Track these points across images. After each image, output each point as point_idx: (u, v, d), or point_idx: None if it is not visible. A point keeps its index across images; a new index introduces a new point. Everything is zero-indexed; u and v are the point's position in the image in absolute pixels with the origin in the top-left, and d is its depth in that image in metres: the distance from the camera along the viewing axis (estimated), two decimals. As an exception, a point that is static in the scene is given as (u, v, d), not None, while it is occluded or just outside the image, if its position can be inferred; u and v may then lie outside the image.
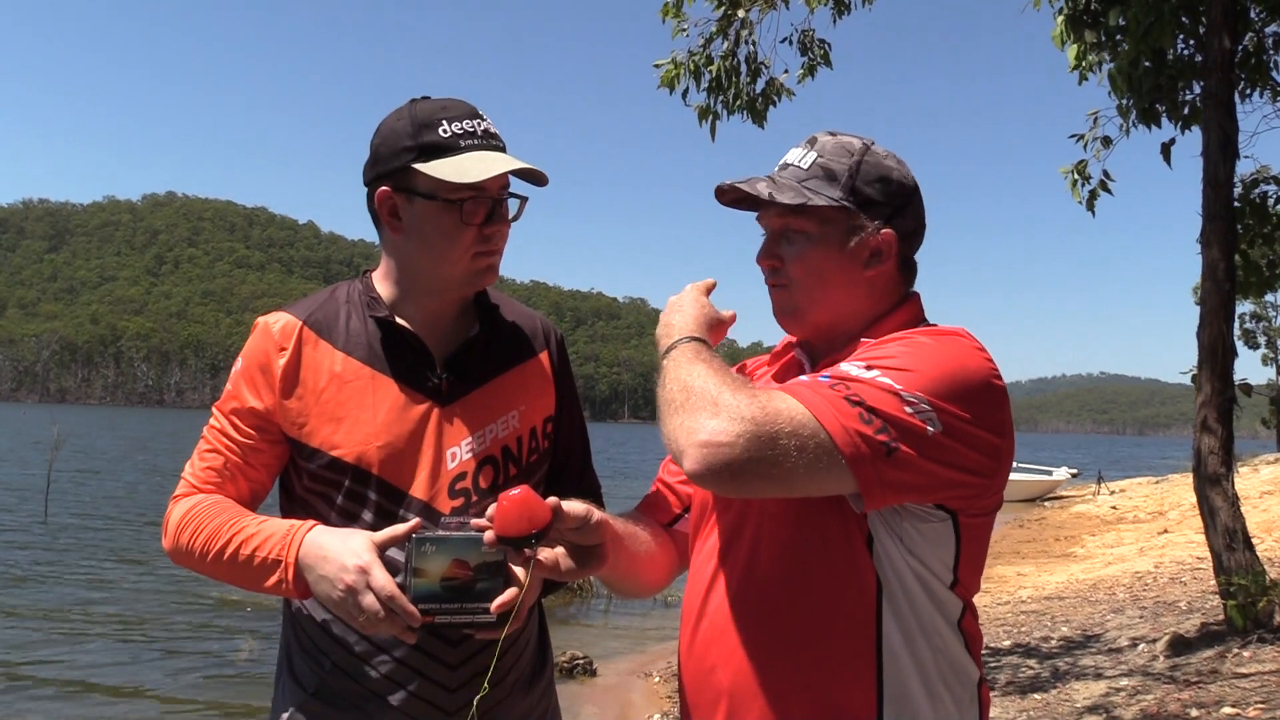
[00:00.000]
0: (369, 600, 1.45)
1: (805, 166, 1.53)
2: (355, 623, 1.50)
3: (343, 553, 1.50)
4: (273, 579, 1.58)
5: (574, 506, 1.45)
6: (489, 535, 1.41)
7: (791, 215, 1.52)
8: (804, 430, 1.26)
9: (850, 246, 1.51)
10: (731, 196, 1.59)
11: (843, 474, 1.28)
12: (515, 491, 1.41)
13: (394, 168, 1.70)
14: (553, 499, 1.44)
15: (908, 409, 1.30)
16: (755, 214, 1.60)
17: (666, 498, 1.77)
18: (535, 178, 1.74)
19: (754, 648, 1.45)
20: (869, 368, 1.34)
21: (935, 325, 1.52)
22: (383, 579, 1.46)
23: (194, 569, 1.70)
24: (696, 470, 1.27)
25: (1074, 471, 35.20)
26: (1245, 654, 5.88)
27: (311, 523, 1.61)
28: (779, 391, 1.32)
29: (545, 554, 1.44)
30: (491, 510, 1.41)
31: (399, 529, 1.52)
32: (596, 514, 1.48)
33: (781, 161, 1.59)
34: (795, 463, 1.26)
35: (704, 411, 1.28)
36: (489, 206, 1.70)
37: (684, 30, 7.48)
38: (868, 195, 1.51)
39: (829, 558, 1.42)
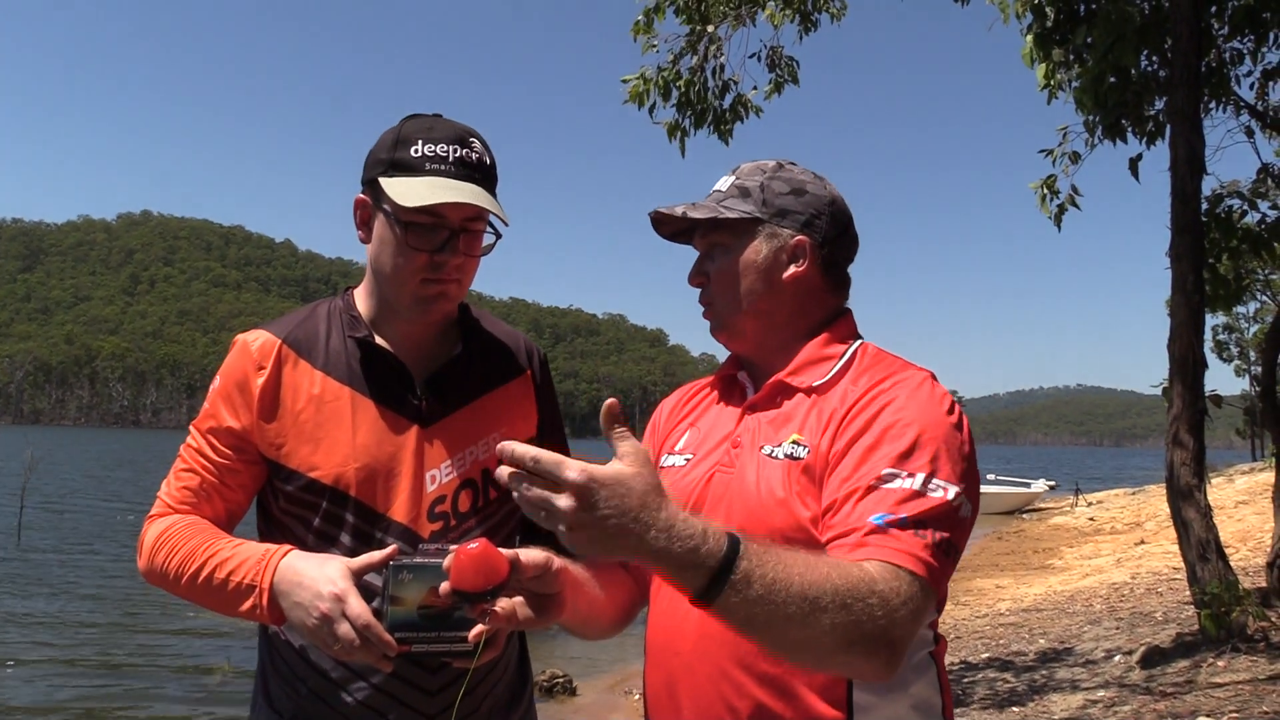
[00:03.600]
0: (344, 629, 1.42)
1: (725, 189, 1.62)
2: (330, 651, 1.46)
3: (318, 579, 1.47)
4: (247, 604, 1.55)
5: (533, 556, 1.41)
6: (444, 587, 1.37)
7: (712, 232, 1.60)
8: (903, 589, 1.26)
9: (764, 254, 1.57)
10: (669, 230, 1.67)
11: (931, 597, 1.31)
12: (473, 545, 1.36)
13: (369, 178, 1.71)
14: (511, 552, 1.39)
15: (960, 514, 1.36)
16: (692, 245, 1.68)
17: None
18: (501, 216, 1.70)
19: (719, 675, 1.46)
20: (912, 475, 1.35)
21: (905, 370, 1.51)
22: (358, 607, 1.43)
23: (168, 591, 1.68)
24: (886, 671, 1.26)
25: (1052, 484, 35.48)
26: (1220, 664, 5.92)
27: (287, 547, 1.58)
28: (864, 562, 1.28)
29: (503, 604, 1.39)
30: (448, 562, 1.37)
31: (375, 556, 1.49)
32: (556, 562, 1.43)
33: (711, 189, 1.67)
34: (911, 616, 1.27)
35: (853, 623, 1.20)
36: (444, 235, 1.66)
37: (654, 46, 7.53)
38: (780, 206, 1.58)
39: None
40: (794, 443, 1.47)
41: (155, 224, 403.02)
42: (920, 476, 1.34)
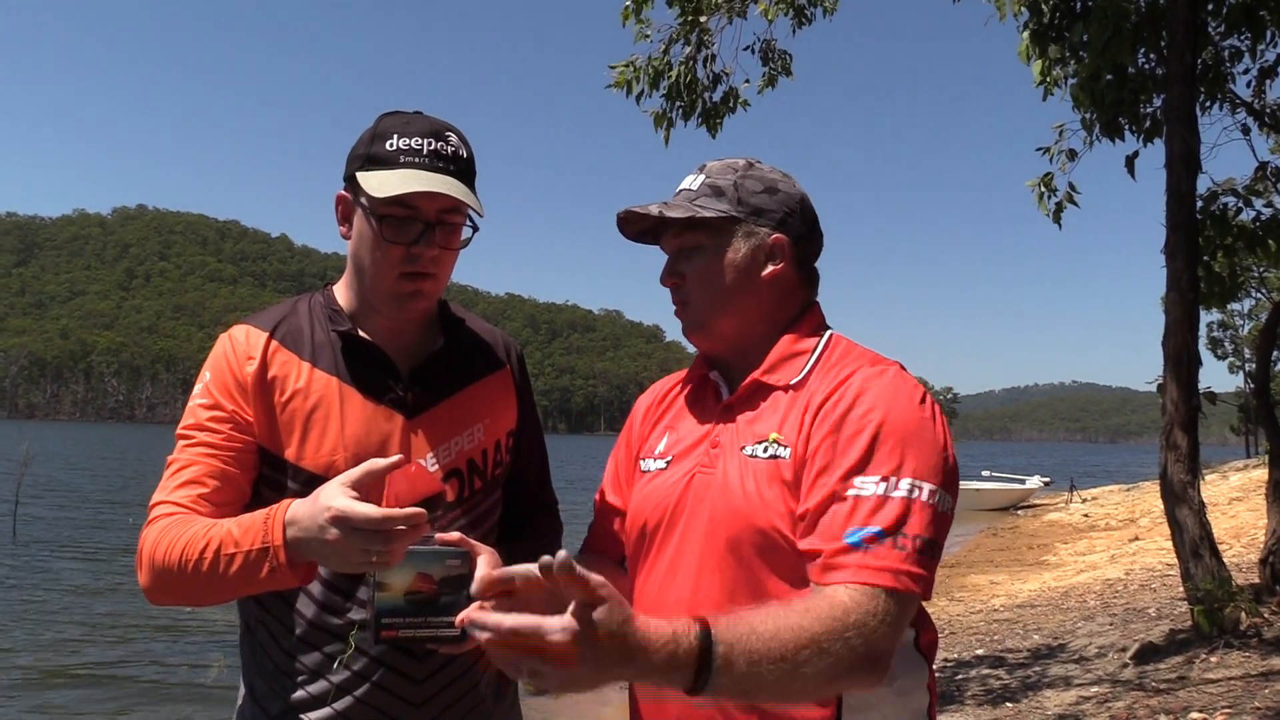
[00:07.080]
0: (361, 511, 1.36)
1: (695, 188, 1.61)
2: (365, 557, 1.38)
3: (316, 500, 1.42)
4: (264, 570, 1.46)
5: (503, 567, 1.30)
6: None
7: (686, 232, 1.60)
8: (879, 608, 1.30)
9: (743, 253, 1.57)
10: (635, 229, 1.67)
11: (913, 602, 1.35)
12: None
13: (348, 173, 1.72)
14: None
15: (939, 509, 1.37)
16: (660, 246, 1.67)
17: (608, 537, 1.77)
18: (474, 206, 1.67)
19: None
20: (884, 478, 1.36)
21: (872, 365, 1.51)
22: (356, 504, 1.37)
23: (176, 594, 1.57)
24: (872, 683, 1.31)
25: (1047, 480, 35.55)
26: (1212, 659, 5.94)
27: (286, 502, 1.49)
28: (837, 590, 1.31)
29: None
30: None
31: (378, 463, 1.43)
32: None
33: (677, 189, 1.66)
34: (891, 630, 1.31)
35: (835, 661, 1.25)
36: (419, 228, 1.66)
37: (646, 35, 7.49)
38: (755, 205, 1.58)
39: (769, 596, 1.41)
40: (775, 442, 1.48)
41: (151, 218, 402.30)
42: (891, 478, 1.36)
